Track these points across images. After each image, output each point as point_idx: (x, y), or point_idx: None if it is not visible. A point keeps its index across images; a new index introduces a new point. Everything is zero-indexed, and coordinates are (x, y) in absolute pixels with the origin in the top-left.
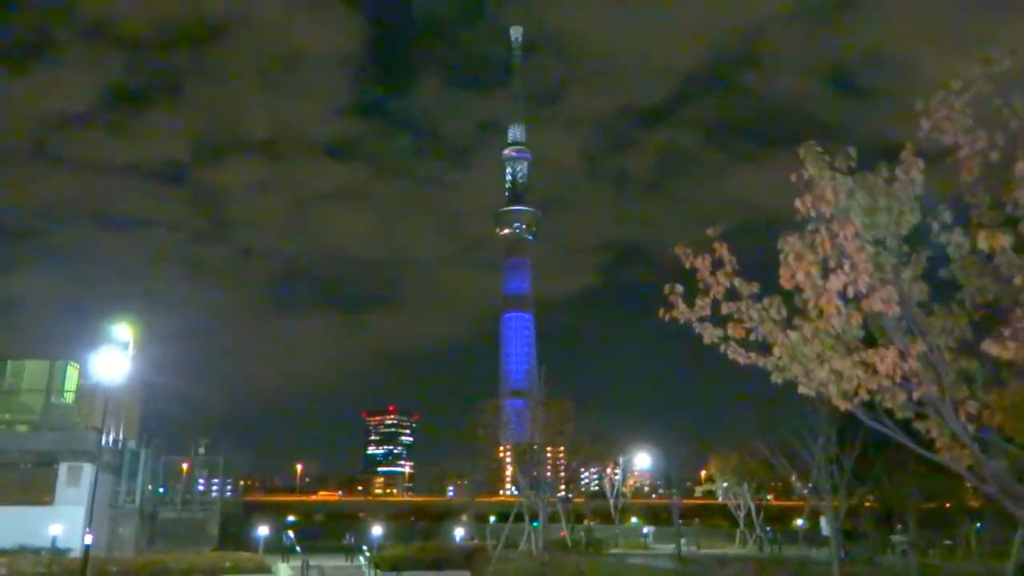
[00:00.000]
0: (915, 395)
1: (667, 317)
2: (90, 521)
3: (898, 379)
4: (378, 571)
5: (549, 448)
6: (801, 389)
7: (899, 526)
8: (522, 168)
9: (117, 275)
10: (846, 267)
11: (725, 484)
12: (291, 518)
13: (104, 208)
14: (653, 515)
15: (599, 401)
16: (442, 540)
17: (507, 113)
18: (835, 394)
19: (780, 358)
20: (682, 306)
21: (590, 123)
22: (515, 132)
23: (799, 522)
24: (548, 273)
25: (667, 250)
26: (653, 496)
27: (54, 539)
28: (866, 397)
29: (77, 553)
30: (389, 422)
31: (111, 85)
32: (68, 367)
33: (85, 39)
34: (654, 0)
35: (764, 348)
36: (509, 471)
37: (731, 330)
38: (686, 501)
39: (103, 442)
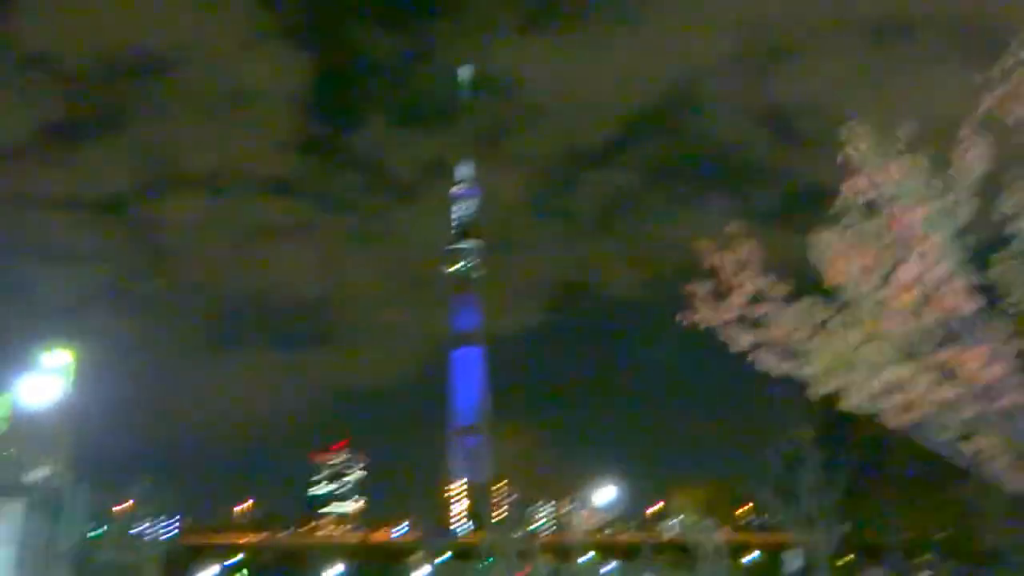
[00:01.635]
0: (1003, 402)
1: (688, 321)
2: (19, 563)
3: (980, 386)
4: None
5: (501, 484)
6: (846, 404)
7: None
8: (470, 205)
9: (52, 310)
10: (915, 257)
11: (683, 518)
12: (233, 560)
13: (38, 242)
14: (609, 551)
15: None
16: None
17: (454, 151)
18: (889, 408)
19: (823, 367)
20: (706, 308)
21: (535, 163)
22: (463, 170)
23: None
24: (496, 311)
25: (610, 290)
26: (605, 531)
27: None
28: (924, 411)
29: None
30: (336, 460)
31: (49, 118)
32: None
33: (21, 69)
34: (598, 43)
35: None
36: (457, 508)
37: (767, 334)
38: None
39: (33, 478)
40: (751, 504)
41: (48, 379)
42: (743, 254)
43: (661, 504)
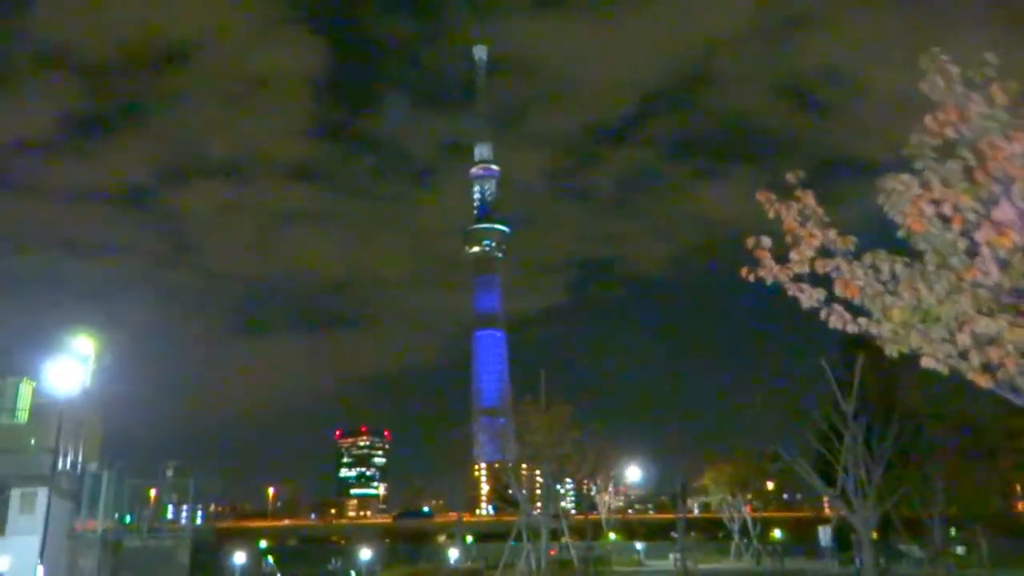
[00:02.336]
0: None
1: (752, 277)
2: (43, 552)
3: None
4: None
5: (525, 465)
6: (926, 362)
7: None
8: (490, 186)
9: (80, 300)
10: (1013, 196)
11: (719, 496)
12: (263, 544)
13: (66, 234)
14: (629, 531)
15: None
16: (437, 564)
17: (472, 132)
18: (975, 366)
19: (899, 324)
20: (771, 262)
21: (553, 141)
22: (482, 150)
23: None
24: (517, 291)
25: (633, 265)
26: (630, 511)
27: (1, 574)
28: (1019, 368)
29: None
30: (361, 444)
31: (72, 110)
32: (22, 384)
33: (45, 65)
34: (613, 19)
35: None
36: (485, 489)
37: (840, 289)
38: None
39: (60, 465)
40: (777, 480)
41: (74, 363)
42: (805, 204)
43: (689, 481)
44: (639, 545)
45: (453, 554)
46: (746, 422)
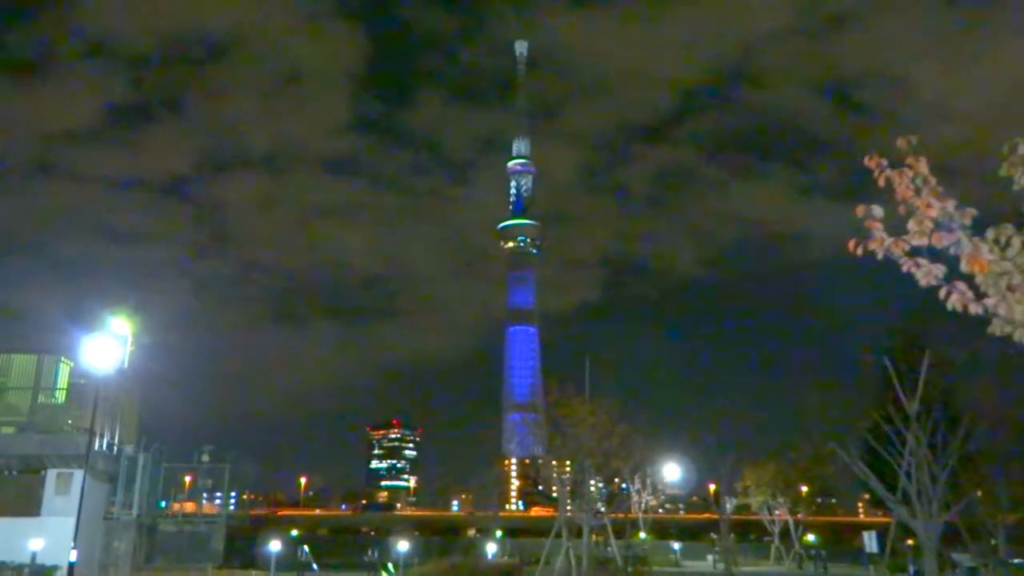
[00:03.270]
0: None
1: (860, 250)
2: (76, 534)
3: None
4: None
5: (556, 462)
6: None
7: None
8: (526, 182)
9: (119, 286)
10: None
11: (760, 498)
12: (294, 532)
13: (106, 222)
14: (660, 531)
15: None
16: (474, 558)
17: (510, 127)
18: None
19: None
20: (883, 234)
21: (590, 138)
22: (520, 146)
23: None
24: (550, 287)
25: (667, 264)
26: (660, 511)
27: (34, 555)
28: None
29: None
30: (393, 436)
31: (114, 101)
32: (60, 364)
33: (88, 55)
34: (652, 16)
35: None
36: (515, 485)
37: (967, 265)
38: (711, 515)
39: (96, 446)
40: (813, 483)
41: (111, 342)
42: (918, 172)
43: (725, 482)
44: (676, 545)
45: (490, 548)
46: (796, 421)
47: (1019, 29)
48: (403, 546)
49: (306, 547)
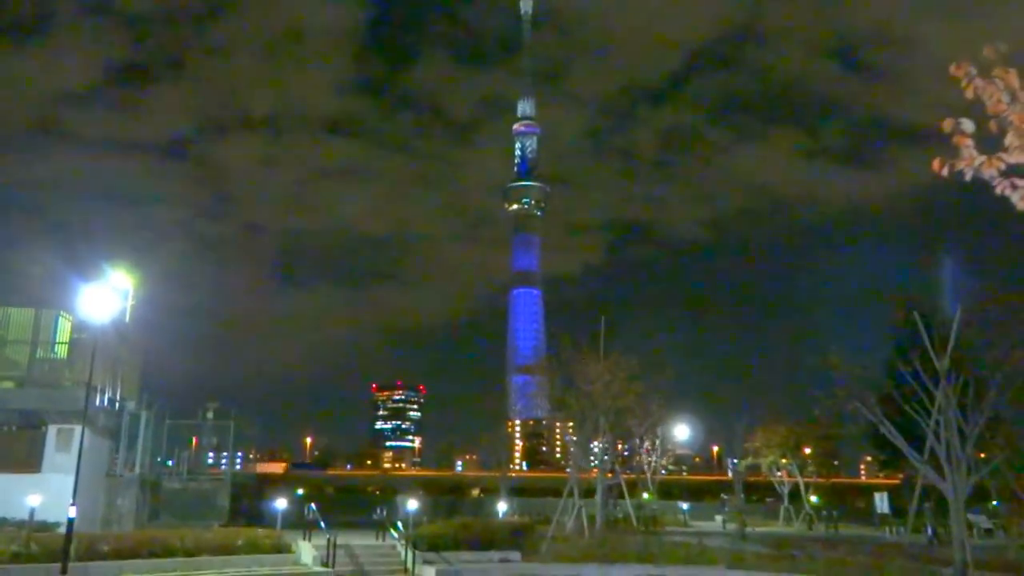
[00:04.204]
0: None
1: (946, 170)
2: (75, 491)
3: None
4: (415, 551)
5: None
6: None
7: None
8: (531, 143)
9: (120, 248)
10: None
11: (770, 458)
12: (300, 491)
13: (107, 183)
14: (664, 491)
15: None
16: (485, 517)
17: (514, 89)
18: None
19: None
20: (974, 152)
21: (594, 101)
22: (525, 107)
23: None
24: (553, 250)
25: (672, 228)
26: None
27: (32, 511)
28: None
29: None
30: (397, 397)
31: (114, 61)
32: (60, 317)
33: (87, 15)
34: None
35: None
36: (519, 446)
37: None
38: (719, 477)
39: (98, 402)
40: (816, 444)
41: (109, 292)
42: (1008, 84)
43: (737, 442)
44: (684, 505)
45: (501, 507)
46: (813, 379)
47: None
48: (412, 505)
49: (314, 505)
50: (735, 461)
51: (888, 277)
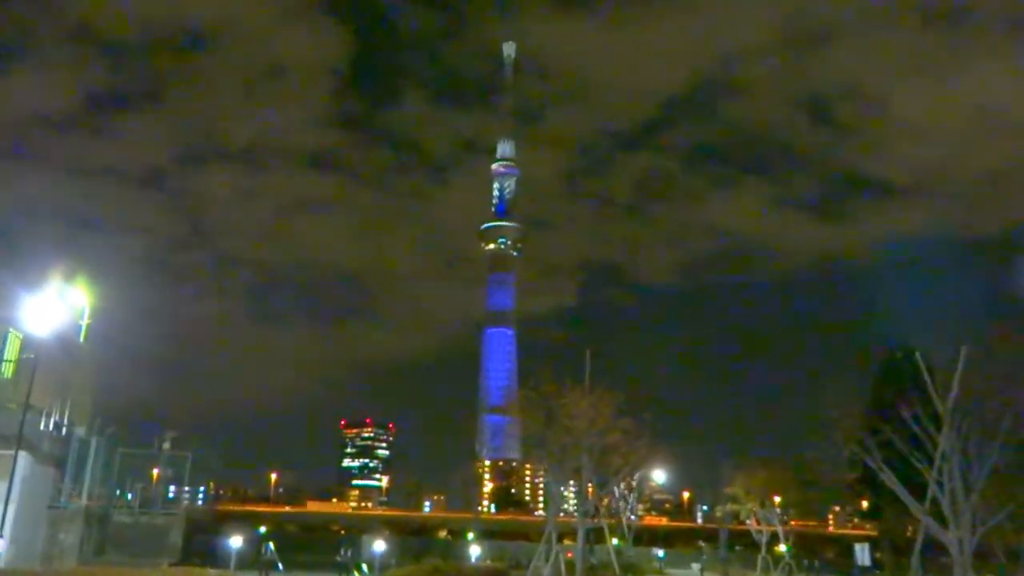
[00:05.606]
0: None
1: None
2: (2, 522)
3: None
4: None
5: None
6: None
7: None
8: (510, 184)
9: (90, 278)
10: None
11: (749, 505)
12: (262, 529)
13: (79, 209)
14: (635, 537)
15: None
16: (457, 561)
17: (491, 130)
18: None
19: None
20: None
21: (571, 143)
22: (504, 148)
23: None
24: (527, 291)
25: (644, 271)
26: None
27: None
28: None
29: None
30: (366, 435)
31: (93, 87)
32: (9, 334)
33: (68, 40)
34: (636, 24)
35: None
36: (488, 488)
37: None
38: (688, 524)
39: (43, 426)
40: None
41: (57, 306)
42: None
43: (719, 487)
44: (660, 552)
45: (474, 551)
46: (798, 424)
47: (993, 54)
48: (378, 546)
49: (271, 544)
50: (705, 508)
51: (861, 324)
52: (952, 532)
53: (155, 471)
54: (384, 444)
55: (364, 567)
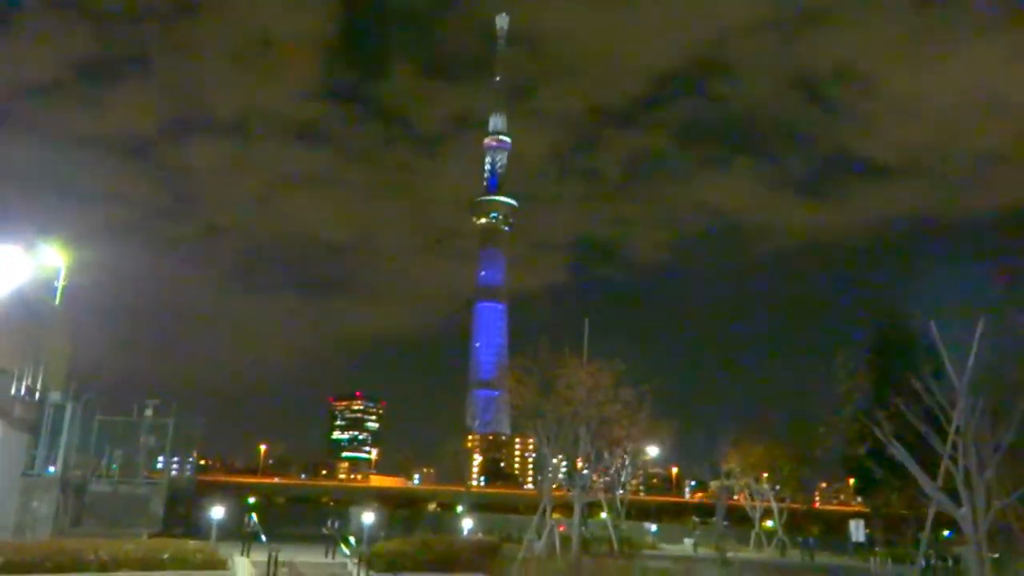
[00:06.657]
0: None
1: None
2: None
3: None
4: (370, 571)
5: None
6: None
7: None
8: (502, 158)
9: (76, 247)
10: None
11: (743, 481)
12: (251, 500)
13: (65, 179)
14: (626, 512)
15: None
16: (449, 534)
17: (482, 105)
18: None
19: None
20: None
21: (562, 120)
22: (496, 122)
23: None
24: (518, 267)
25: (634, 249)
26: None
27: None
28: None
29: None
30: (356, 408)
31: (78, 56)
32: None
33: (55, 9)
34: (627, 2)
35: None
36: (477, 461)
37: None
38: (676, 499)
39: (14, 390)
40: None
41: (20, 258)
42: None
43: (714, 464)
44: (652, 527)
45: (466, 524)
46: (799, 400)
47: (984, 31)
48: (367, 518)
49: (254, 515)
50: (693, 484)
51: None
52: (966, 509)
53: (141, 438)
54: (373, 417)
55: (352, 539)
